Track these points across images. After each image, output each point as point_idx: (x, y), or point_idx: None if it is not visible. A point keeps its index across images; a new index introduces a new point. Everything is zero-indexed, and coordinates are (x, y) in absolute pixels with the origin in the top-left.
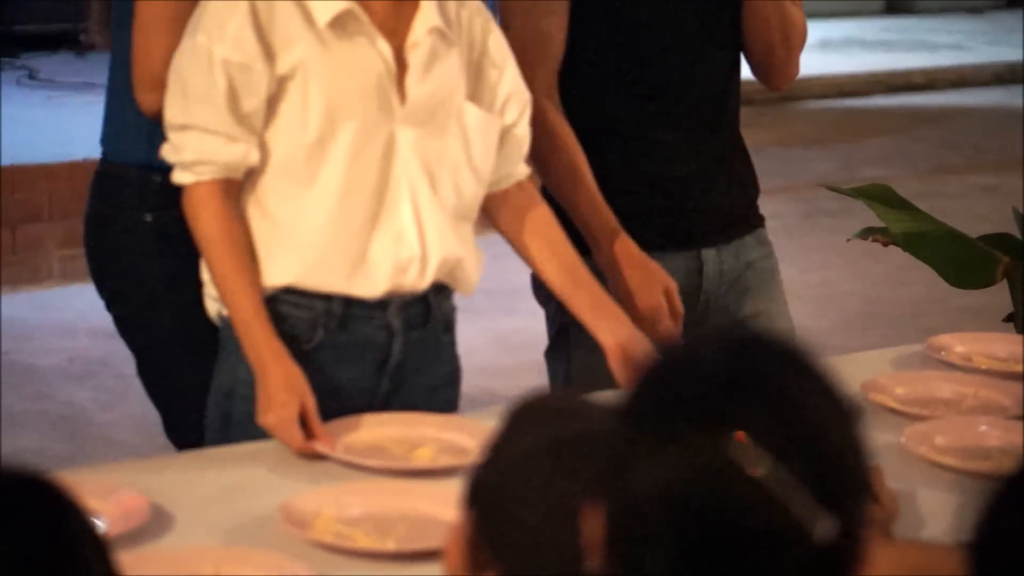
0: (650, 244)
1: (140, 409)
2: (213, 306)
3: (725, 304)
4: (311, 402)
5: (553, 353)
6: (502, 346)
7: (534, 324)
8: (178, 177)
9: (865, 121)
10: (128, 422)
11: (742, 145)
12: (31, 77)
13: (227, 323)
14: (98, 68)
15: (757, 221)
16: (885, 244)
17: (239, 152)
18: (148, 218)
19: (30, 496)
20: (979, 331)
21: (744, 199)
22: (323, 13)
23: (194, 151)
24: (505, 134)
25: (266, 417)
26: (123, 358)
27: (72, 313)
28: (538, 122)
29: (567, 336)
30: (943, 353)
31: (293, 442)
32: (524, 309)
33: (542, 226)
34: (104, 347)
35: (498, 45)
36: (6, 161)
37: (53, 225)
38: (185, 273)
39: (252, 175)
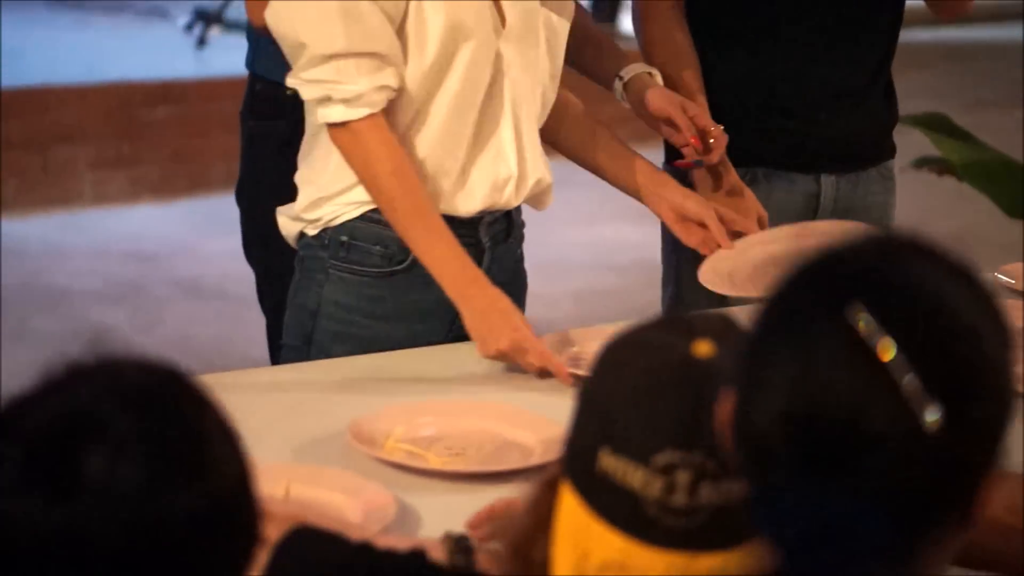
0: (769, 162)
1: (177, 332)
2: (293, 226)
3: None
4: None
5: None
6: (541, 275)
7: (570, 253)
8: (328, 115)
9: (903, 56)
10: (166, 346)
11: (889, 66)
12: None
13: (309, 243)
14: None
15: (887, 153)
16: (940, 174)
17: (389, 76)
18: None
19: (170, 390)
20: None
21: (877, 128)
22: None
23: (346, 89)
24: None
25: (499, 342)
26: (157, 280)
27: (105, 234)
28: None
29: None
30: (1015, 282)
31: (543, 358)
32: (556, 241)
33: (580, 117)
34: (137, 271)
35: None
36: (36, 81)
37: (85, 146)
38: None
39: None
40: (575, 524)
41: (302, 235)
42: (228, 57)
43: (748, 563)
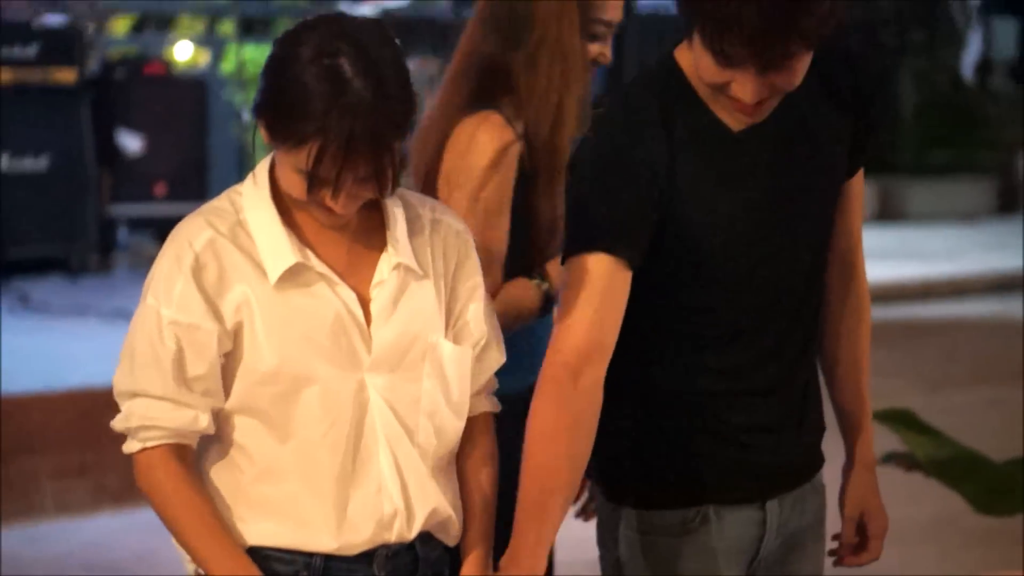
0: (717, 498)
1: None
2: (191, 568)
3: (773, 560)
4: None
5: None
6: None
7: None
8: (127, 447)
9: None
10: None
11: (817, 384)
12: (23, 302)
13: None
14: (91, 291)
15: (820, 462)
16: (908, 469)
17: (187, 418)
18: None
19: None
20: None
21: (813, 442)
22: (274, 267)
23: (140, 417)
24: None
25: None
26: None
27: (67, 545)
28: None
29: None
30: None
31: None
32: None
33: (480, 463)
34: None
35: (471, 274)
36: None
37: (46, 456)
38: None
39: (225, 432)
40: None
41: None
42: None
43: None
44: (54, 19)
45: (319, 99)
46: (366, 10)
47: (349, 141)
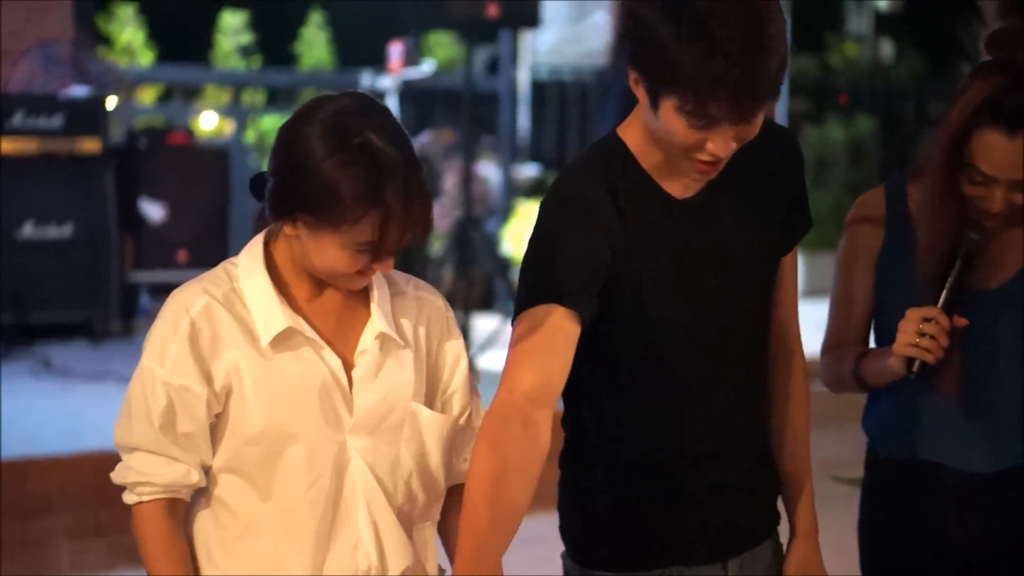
0: (680, 559)
1: None
2: None
3: None
4: None
5: None
6: None
7: None
8: (125, 497)
9: (837, 408)
10: None
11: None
12: (46, 367)
13: None
14: (113, 356)
15: (777, 520)
16: None
17: (178, 472)
18: None
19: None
20: None
21: (770, 502)
22: (265, 331)
23: (136, 472)
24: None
25: None
26: None
27: None
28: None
29: None
30: None
31: None
32: None
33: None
34: None
35: (453, 347)
36: (16, 452)
37: (64, 516)
38: None
39: (211, 489)
40: None
41: None
42: None
43: None
44: (79, 90)
45: (366, 174)
46: (387, 81)
47: (407, 204)
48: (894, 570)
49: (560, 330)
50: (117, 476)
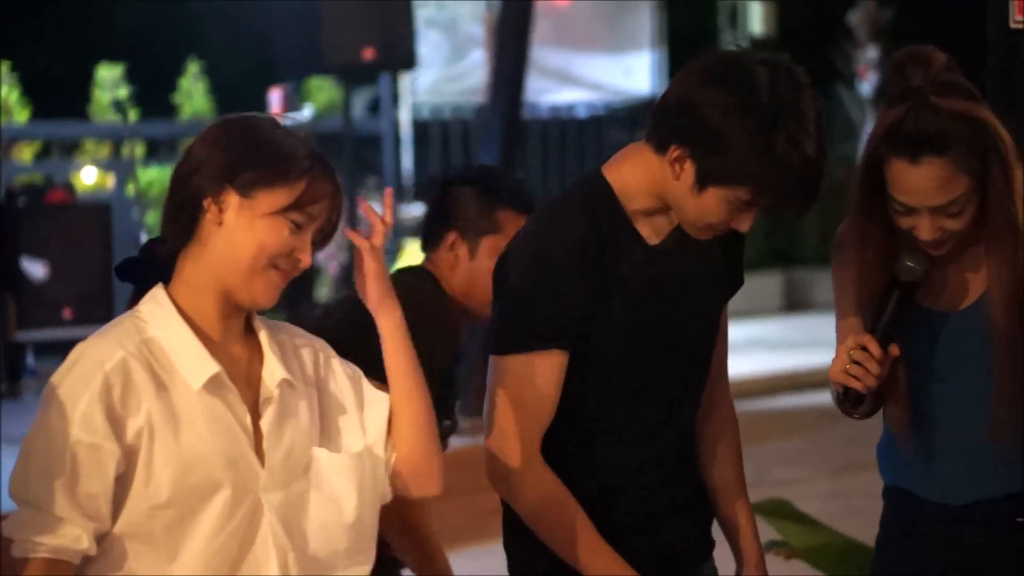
0: None
1: None
2: None
3: None
4: None
5: None
6: None
7: None
8: (13, 550)
9: (772, 422)
10: None
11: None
12: None
13: None
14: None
15: (712, 546)
16: (788, 557)
17: (69, 537)
18: None
19: None
20: None
21: (705, 530)
22: (196, 377)
23: (27, 529)
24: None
25: None
26: None
27: None
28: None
29: None
30: None
31: None
32: None
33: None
34: None
35: (341, 379)
36: None
37: None
38: None
39: (111, 556)
40: None
41: None
42: None
43: None
44: None
45: (299, 147)
46: None
47: (332, 177)
48: None
49: (559, 371)
50: (7, 529)
